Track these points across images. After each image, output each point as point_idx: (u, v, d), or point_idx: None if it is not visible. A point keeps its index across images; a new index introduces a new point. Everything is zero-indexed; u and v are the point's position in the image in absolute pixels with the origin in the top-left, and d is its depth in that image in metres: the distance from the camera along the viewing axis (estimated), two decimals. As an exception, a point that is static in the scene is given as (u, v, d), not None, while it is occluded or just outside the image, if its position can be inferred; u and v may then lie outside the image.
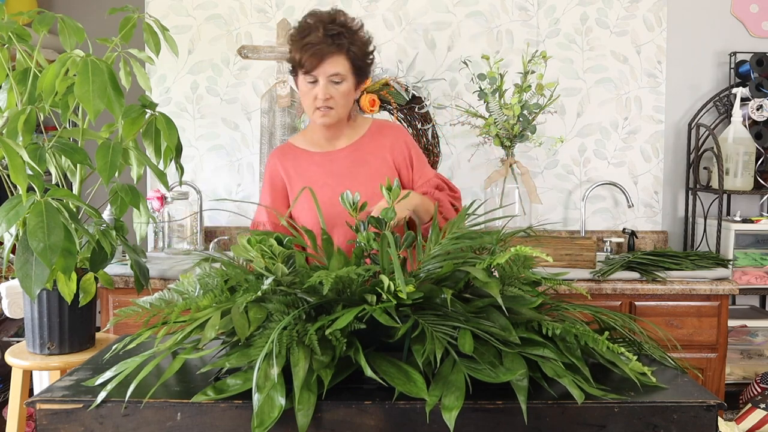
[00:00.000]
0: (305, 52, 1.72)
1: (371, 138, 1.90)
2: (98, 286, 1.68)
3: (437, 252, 1.29)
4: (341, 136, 1.90)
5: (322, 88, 1.75)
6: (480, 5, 3.15)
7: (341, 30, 1.74)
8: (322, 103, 1.76)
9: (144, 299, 1.28)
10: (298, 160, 1.89)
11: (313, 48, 1.71)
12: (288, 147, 1.94)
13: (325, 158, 1.88)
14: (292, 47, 1.77)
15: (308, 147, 1.91)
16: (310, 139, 1.92)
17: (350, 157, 1.88)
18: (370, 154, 1.88)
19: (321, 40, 1.71)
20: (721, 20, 3.19)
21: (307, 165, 1.88)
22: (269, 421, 1.03)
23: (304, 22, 1.77)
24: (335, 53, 1.73)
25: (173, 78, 3.15)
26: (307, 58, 1.72)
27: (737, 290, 2.64)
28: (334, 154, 1.88)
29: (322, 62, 1.72)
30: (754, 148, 2.98)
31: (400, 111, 2.75)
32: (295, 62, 1.76)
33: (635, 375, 1.17)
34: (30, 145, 1.51)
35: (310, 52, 1.72)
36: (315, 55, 1.71)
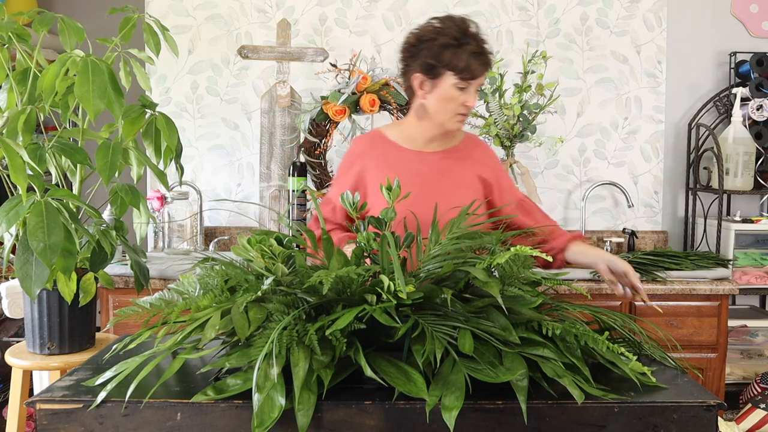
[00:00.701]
0: (474, 61, 1.74)
1: (464, 149, 1.93)
2: (98, 286, 1.69)
3: (437, 252, 1.29)
4: (438, 140, 1.90)
5: (473, 96, 1.79)
6: (480, 5, 3.15)
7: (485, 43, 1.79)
8: (466, 110, 1.80)
9: (144, 299, 1.28)
10: (388, 151, 1.89)
11: (478, 57, 1.75)
12: (378, 136, 1.93)
13: (417, 157, 1.88)
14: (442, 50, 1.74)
15: (400, 142, 1.90)
16: (406, 135, 1.91)
17: (441, 163, 1.88)
18: (460, 164, 1.90)
19: (482, 51, 1.76)
20: (721, 20, 3.19)
21: (397, 159, 1.88)
22: (269, 421, 1.03)
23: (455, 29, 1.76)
24: (489, 66, 1.80)
25: (173, 78, 3.15)
26: (477, 66, 1.74)
27: (737, 290, 2.64)
28: (426, 155, 1.89)
29: (483, 73, 1.78)
30: (754, 148, 2.98)
31: (400, 111, 2.75)
32: (455, 67, 1.74)
33: (635, 375, 1.17)
34: (30, 145, 1.51)
35: (479, 60, 1.75)
36: (479, 66, 1.75)
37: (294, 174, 2.77)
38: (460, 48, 1.74)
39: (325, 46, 3.11)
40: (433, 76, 1.77)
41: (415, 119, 1.88)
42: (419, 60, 1.78)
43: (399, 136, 1.91)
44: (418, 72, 1.79)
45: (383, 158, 1.88)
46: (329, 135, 2.79)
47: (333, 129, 2.79)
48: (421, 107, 1.84)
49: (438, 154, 1.89)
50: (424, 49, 1.77)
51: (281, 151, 2.86)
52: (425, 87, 1.80)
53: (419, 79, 1.79)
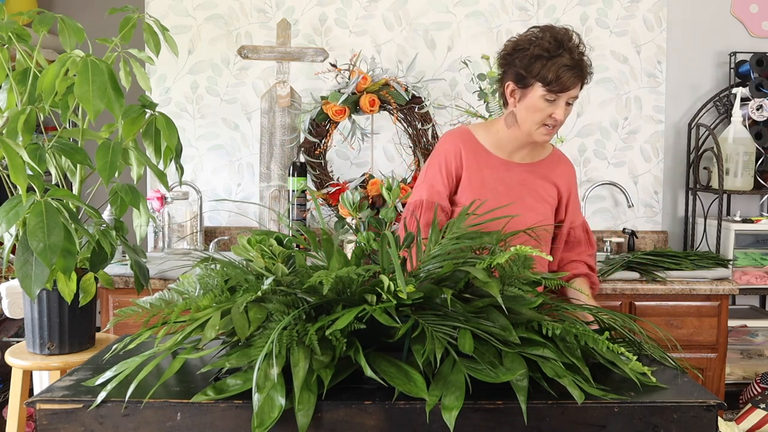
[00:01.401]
0: (560, 72, 1.73)
1: (549, 165, 1.95)
2: (98, 286, 1.68)
3: (437, 252, 1.29)
4: (525, 151, 1.92)
5: (563, 109, 1.78)
6: (480, 5, 3.15)
7: (584, 56, 1.78)
8: (555, 123, 1.79)
9: (144, 299, 1.28)
10: (478, 153, 1.90)
11: (569, 71, 1.73)
12: (470, 136, 1.93)
13: (504, 165, 1.90)
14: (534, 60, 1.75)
15: (489, 146, 1.92)
16: (496, 141, 1.92)
17: (525, 175, 1.91)
18: (543, 180, 1.92)
19: (576, 64, 1.74)
20: (721, 20, 3.19)
21: (484, 163, 1.89)
22: (269, 421, 1.03)
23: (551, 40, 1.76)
24: (582, 78, 1.78)
25: (173, 78, 3.15)
26: (567, 78, 1.73)
27: (737, 290, 2.64)
28: (513, 165, 1.91)
29: (573, 87, 1.76)
30: (754, 148, 2.98)
31: (400, 111, 2.75)
32: (544, 79, 1.74)
33: (635, 375, 1.17)
34: (30, 145, 1.51)
35: (570, 73, 1.73)
36: (570, 79, 1.74)
37: (294, 174, 2.77)
38: (551, 60, 1.73)
39: (325, 46, 3.11)
40: (523, 85, 1.79)
41: (505, 126, 1.89)
42: (512, 68, 1.81)
43: (488, 141, 1.93)
44: (510, 80, 1.82)
45: (473, 158, 1.89)
46: (329, 135, 2.79)
47: (333, 129, 2.79)
48: (511, 115, 1.86)
49: (524, 166, 1.92)
50: (518, 58, 1.79)
51: (281, 151, 2.86)
52: (516, 96, 1.83)
53: (511, 87, 1.82)
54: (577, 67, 1.75)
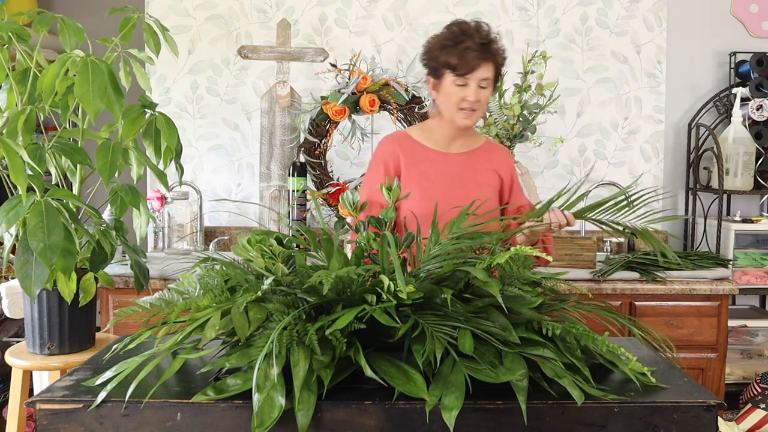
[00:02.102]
0: (463, 56, 1.84)
1: (485, 153, 2.04)
2: (98, 286, 1.68)
3: (437, 252, 1.29)
4: (460, 141, 2.01)
5: (473, 91, 1.87)
6: (480, 5, 3.15)
7: (491, 40, 1.89)
8: (469, 105, 1.88)
9: (144, 299, 1.28)
10: (416, 152, 1.99)
11: (471, 53, 1.84)
12: (405, 136, 2.03)
13: (442, 157, 1.99)
14: (440, 52, 1.89)
15: (425, 142, 2.01)
16: (429, 136, 2.02)
17: (464, 164, 2.00)
18: (481, 167, 2.01)
19: (477, 47, 1.85)
20: (721, 20, 3.19)
21: (422, 158, 1.98)
22: (269, 421, 1.03)
23: (453, 30, 1.90)
24: (487, 60, 1.87)
25: (173, 78, 3.15)
26: (463, 61, 1.85)
27: (737, 290, 2.64)
28: (451, 156, 2.00)
29: (478, 67, 1.86)
30: (754, 148, 2.98)
31: (400, 111, 2.75)
32: (448, 65, 1.87)
33: (635, 375, 1.17)
34: (30, 145, 1.51)
35: (468, 56, 1.84)
36: (472, 60, 1.85)
37: (294, 174, 2.77)
38: (456, 46, 1.87)
39: (325, 46, 3.11)
40: (436, 76, 1.92)
41: (435, 120, 2.01)
42: (428, 64, 1.95)
43: (423, 137, 2.02)
44: (429, 75, 1.96)
45: (411, 157, 1.98)
46: (329, 135, 2.79)
47: (333, 129, 2.79)
48: (435, 106, 1.99)
49: (462, 155, 2.01)
50: (428, 52, 1.94)
51: (281, 151, 2.86)
52: (435, 88, 1.95)
53: (430, 81, 1.96)
54: (481, 49, 1.85)
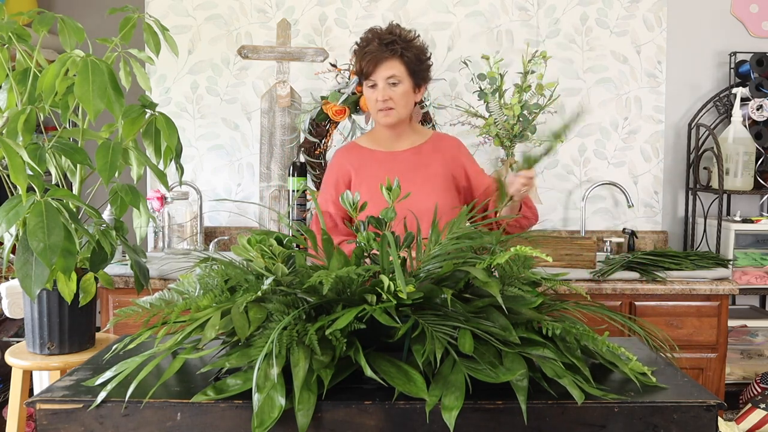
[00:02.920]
0: (364, 59, 1.94)
1: (432, 146, 2.08)
2: (98, 286, 1.68)
3: (437, 252, 1.29)
4: (404, 139, 2.07)
5: (380, 90, 1.95)
6: (480, 5, 3.15)
7: (394, 38, 1.94)
8: (383, 105, 1.95)
9: (144, 299, 1.28)
10: (363, 157, 2.06)
11: (369, 55, 1.93)
12: (353, 146, 2.11)
13: (388, 157, 2.05)
14: (354, 60, 1.99)
15: (372, 146, 2.08)
16: (375, 139, 2.09)
17: (411, 159, 2.04)
18: (430, 160, 2.05)
19: (377, 48, 1.93)
20: (721, 20, 3.19)
21: (371, 162, 2.04)
22: (269, 421, 1.03)
23: (364, 37, 1.98)
24: (389, 58, 1.93)
25: (173, 78, 3.15)
26: (365, 64, 1.94)
27: (737, 290, 2.64)
28: (397, 154, 2.06)
29: (378, 66, 1.93)
30: (754, 148, 2.98)
31: (400, 111, 2.75)
32: (358, 71, 1.97)
33: (635, 375, 1.17)
34: (30, 145, 1.51)
35: (367, 59, 1.93)
36: (371, 61, 1.93)
37: (294, 174, 2.77)
38: (359, 52, 1.96)
39: (325, 46, 3.11)
40: (360, 84, 2.04)
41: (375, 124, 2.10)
42: None
43: (370, 142, 2.10)
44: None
45: (360, 164, 2.05)
46: (329, 135, 2.79)
47: (333, 129, 2.79)
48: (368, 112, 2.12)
49: (408, 151, 2.06)
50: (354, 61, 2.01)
51: (281, 151, 2.86)
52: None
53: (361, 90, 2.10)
54: (380, 49, 1.92)
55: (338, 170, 2.06)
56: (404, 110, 1.99)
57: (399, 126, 2.03)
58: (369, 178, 2.01)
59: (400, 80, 1.94)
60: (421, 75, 2.00)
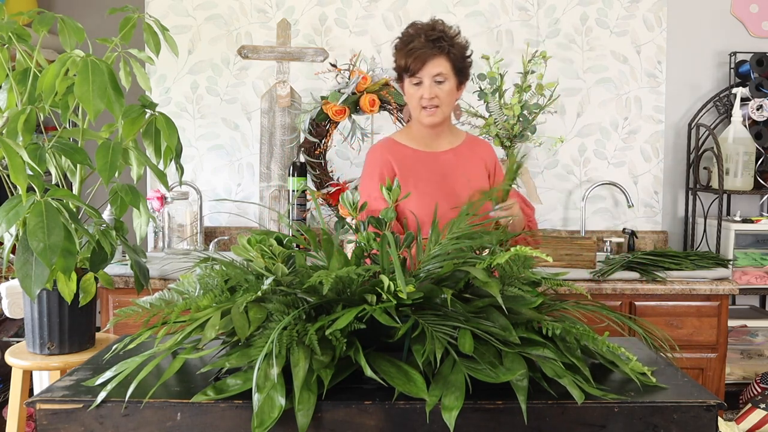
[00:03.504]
0: (410, 56, 1.89)
1: (468, 148, 2.08)
2: (98, 286, 1.68)
3: (437, 252, 1.29)
4: (442, 138, 2.05)
5: (427, 88, 1.91)
6: (480, 5, 3.15)
7: (441, 35, 1.91)
8: (428, 102, 1.92)
9: (144, 299, 1.28)
10: (405, 155, 2.02)
11: (417, 52, 1.88)
12: (392, 142, 2.06)
13: (430, 157, 2.02)
14: (397, 55, 1.94)
15: (411, 144, 2.04)
16: (414, 138, 2.05)
17: (452, 160, 2.03)
18: (468, 161, 2.05)
19: (423, 45, 1.89)
20: (721, 20, 3.19)
21: (414, 162, 2.01)
22: (269, 421, 1.03)
23: (406, 32, 1.95)
24: (437, 55, 1.89)
25: (173, 78, 3.15)
26: (411, 61, 1.89)
27: (737, 290, 2.64)
28: (438, 154, 2.03)
29: (426, 64, 1.89)
30: (754, 148, 2.98)
31: (400, 111, 2.75)
32: (402, 68, 1.93)
33: (635, 375, 1.17)
34: (30, 145, 1.51)
35: (415, 55, 1.88)
36: (419, 58, 1.88)
37: (294, 174, 2.77)
38: (405, 48, 1.91)
39: (325, 46, 3.11)
40: (399, 81, 1.99)
41: (413, 122, 2.05)
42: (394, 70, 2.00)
43: (409, 140, 2.05)
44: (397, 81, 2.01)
45: (402, 161, 2.01)
46: (329, 135, 2.79)
47: (333, 129, 2.79)
48: (407, 110, 2.04)
49: (448, 152, 2.04)
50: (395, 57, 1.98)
51: (281, 151, 2.86)
52: (402, 91, 2.01)
53: (400, 85, 2.01)
54: (428, 46, 1.88)
55: (382, 165, 2.00)
56: (448, 109, 1.98)
57: (440, 125, 2.00)
58: (414, 177, 1.97)
59: (446, 78, 1.91)
60: (464, 72, 1.98)
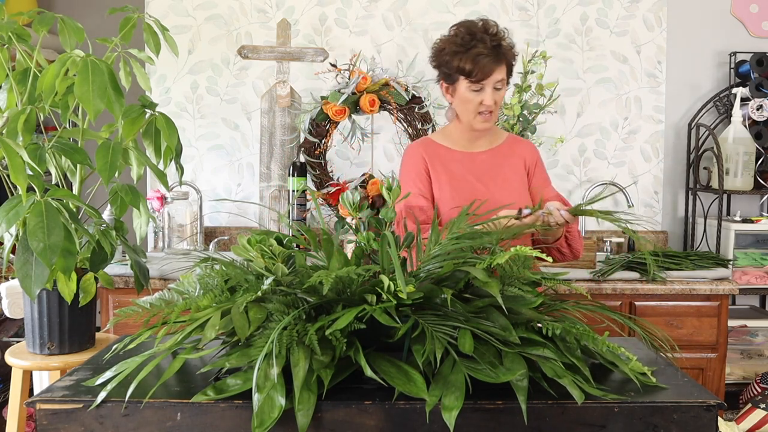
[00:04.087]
0: (477, 63, 1.85)
1: (508, 148, 2.06)
2: (98, 286, 1.68)
3: (437, 252, 1.29)
4: (482, 140, 2.03)
5: (490, 95, 1.89)
6: (480, 5, 3.15)
7: (500, 41, 1.90)
8: (487, 108, 1.90)
9: (144, 299, 1.28)
10: (441, 155, 2.01)
11: (485, 59, 1.85)
12: (429, 142, 2.05)
13: (467, 157, 2.01)
14: (452, 57, 1.88)
15: (449, 145, 2.03)
16: (452, 139, 2.04)
17: (490, 161, 2.01)
18: (507, 161, 2.03)
19: (490, 51, 1.86)
20: (721, 20, 3.19)
21: (449, 161, 2.00)
22: (269, 421, 1.03)
23: (462, 34, 1.89)
24: (501, 62, 1.89)
25: (173, 78, 3.15)
26: (479, 69, 1.85)
27: (737, 290, 2.64)
28: (476, 155, 2.02)
29: (492, 71, 1.87)
30: (754, 148, 2.98)
31: (400, 111, 2.75)
32: (462, 72, 1.87)
33: (635, 375, 1.17)
34: (30, 145, 1.51)
35: (483, 61, 1.85)
36: (487, 67, 1.86)
37: (294, 174, 2.77)
38: (467, 52, 1.86)
39: (325, 46, 3.11)
40: (451, 82, 1.93)
41: (454, 123, 2.03)
42: (440, 69, 1.95)
43: (446, 140, 2.04)
44: (442, 80, 1.97)
45: (436, 159, 2.00)
46: (329, 135, 2.79)
47: (333, 129, 2.79)
48: (451, 110, 2.01)
49: (486, 153, 2.03)
50: (440, 58, 1.93)
51: (281, 151, 2.86)
52: (450, 92, 1.96)
53: (444, 86, 1.97)
54: (493, 53, 1.86)
55: (419, 164, 2.00)
56: (498, 113, 1.99)
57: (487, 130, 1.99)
58: (448, 176, 1.97)
59: (503, 85, 1.92)
60: (511, 75, 1.98)
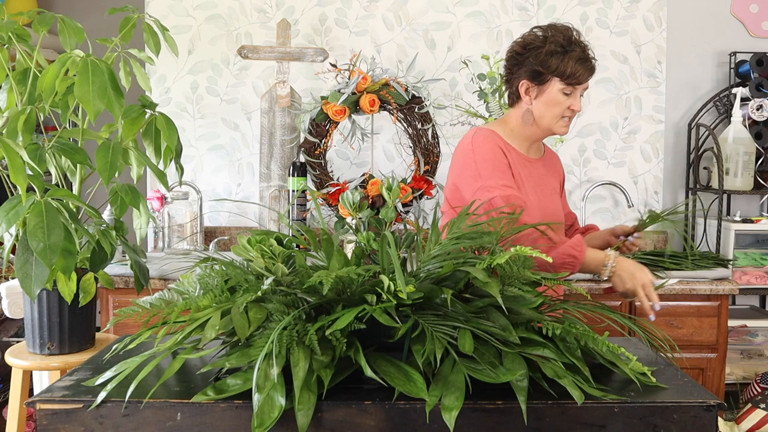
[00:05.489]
0: (581, 66, 1.82)
1: (551, 158, 2.08)
2: (98, 286, 1.68)
3: (437, 252, 1.29)
4: (537, 147, 2.01)
5: (578, 99, 1.87)
6: (480, 5, 3.15)
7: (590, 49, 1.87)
8: (572, 114, 1.88)
9: (144, 299, 1.28)
10: (509, 151, 1.93)
11: (585, 63, 1.83)
12: (497, 136, 1.92)
13: (526, 161, 1.96)
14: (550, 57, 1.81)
15: (512, 144, 1.95)
16: (515, 139, 1.96)
17: (542, 169, 2.00)
18: (551, 171, 2.04)
19: (587, 57, 1.84)
20: (721, 20, 3.19)
21: (515, 161, 1.93)
22: (269, 421, 1.03)
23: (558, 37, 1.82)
24: (593, 71, 1.87)
25: (173, 78, 3.15)
26: (582, 72, 1.82)
27: (737, 290, 2.64)
28: (532, 161, 1.98)
29: (588, 78, 1.86)
30: (754, 148, 2.98)
31: (400, 111, 2.75)
32: (562, 73, 1.81)
33: (635, 375, 1.17)
34: (30, 145, 1.51)
35: (585, 66, 1.83)
36: (588, 71, 1.84)
37: (294, 174, 2.77)
38: (566, 54, 1.81)
39: (325, 46, 3.11)
40: (539, 82, 1.85)
41: (521, 124, 1.93)
42: (526, 67, 1.86)
43: (510, 139, 1.95)
44: (525, 79, 1.87)
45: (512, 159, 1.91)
46: (329, 135, 2.79)
47: (333, 129, 2.79)
48: (528, 113, 1.90)
49: (538, 161, 2.01)
50: (531, 56, 1.84)
51: (281, 151, 2.87)
52: (531, 93, 1.88)
53: (526, 85, 1.87)
54: (588, 60, 1.84)
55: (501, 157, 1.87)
56: None
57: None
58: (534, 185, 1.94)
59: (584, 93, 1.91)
60: None
